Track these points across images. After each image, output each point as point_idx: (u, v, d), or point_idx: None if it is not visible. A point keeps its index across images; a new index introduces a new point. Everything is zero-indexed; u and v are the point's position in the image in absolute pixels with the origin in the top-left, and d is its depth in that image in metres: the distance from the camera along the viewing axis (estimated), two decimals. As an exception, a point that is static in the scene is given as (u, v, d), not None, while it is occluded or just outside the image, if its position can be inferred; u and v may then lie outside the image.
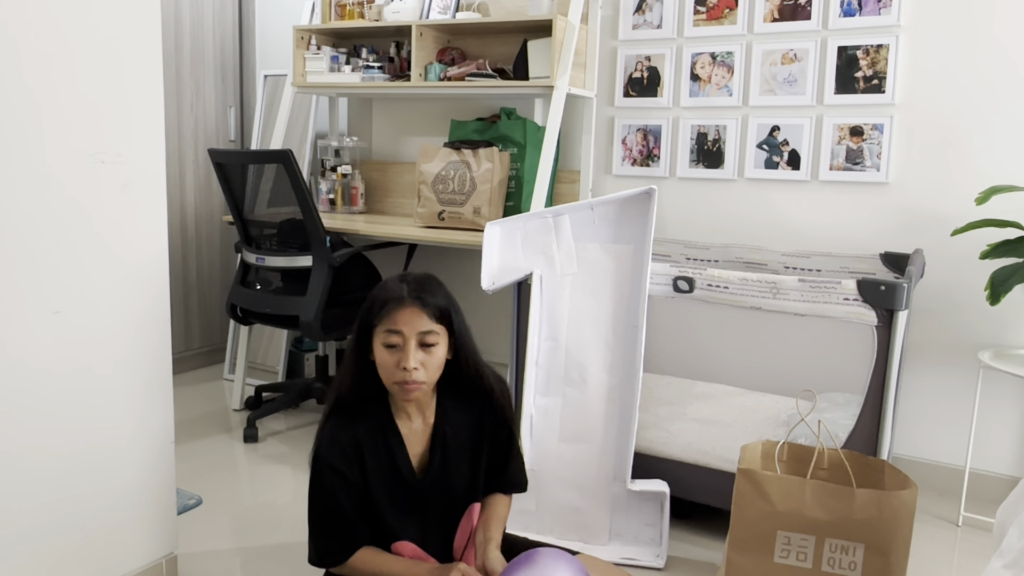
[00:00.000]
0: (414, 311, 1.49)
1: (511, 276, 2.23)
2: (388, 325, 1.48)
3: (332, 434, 1.54)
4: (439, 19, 3.10)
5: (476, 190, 2.89)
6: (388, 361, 1.49)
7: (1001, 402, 2.56)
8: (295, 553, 2.18)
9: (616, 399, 2.16)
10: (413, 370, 1.48)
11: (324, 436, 1.55)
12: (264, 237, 3.01)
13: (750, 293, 2.07)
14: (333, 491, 1.53)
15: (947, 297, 2.60)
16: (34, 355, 1.60)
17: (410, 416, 1.59)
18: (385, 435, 1.56)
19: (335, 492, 1.53)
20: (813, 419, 2.14)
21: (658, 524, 2.16)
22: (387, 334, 1.49)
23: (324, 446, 1.54)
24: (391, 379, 1.50)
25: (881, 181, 2.65)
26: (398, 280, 1.53)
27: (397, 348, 1.49)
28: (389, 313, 1.49)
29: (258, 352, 3.74)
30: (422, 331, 1.49)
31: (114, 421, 1.77)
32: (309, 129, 3.65)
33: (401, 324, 1.48)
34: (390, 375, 1.50)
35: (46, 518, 1.66)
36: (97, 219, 1.69)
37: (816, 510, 1.68)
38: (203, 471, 2.69)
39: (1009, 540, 1.21)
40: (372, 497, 1.56)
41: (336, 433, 1.54)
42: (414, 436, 1.59)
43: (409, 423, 1.59)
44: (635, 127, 3.04)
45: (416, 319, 1.48)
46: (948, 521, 2.45)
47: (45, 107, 1.58)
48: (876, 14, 2.60)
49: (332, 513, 1.54)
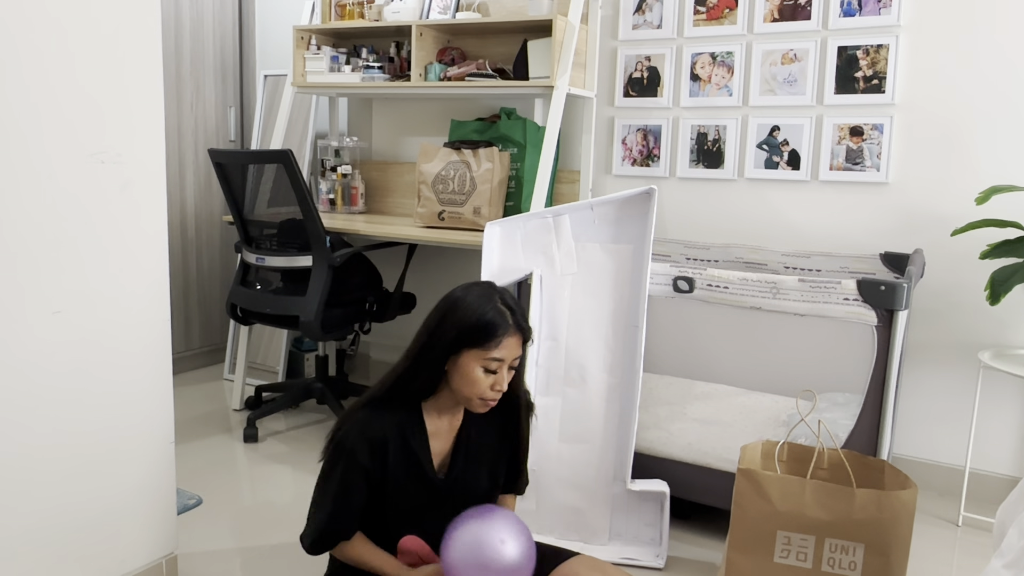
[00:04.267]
0: (517, 340, 1.55)
1: (511, 276, 2.23)
2: (493, 353, 1.52)
3: (362, 428, 1.56)
4: (439, 19, 3.10)
5: (476, 190, 2.89)
6: (482, 381, 1.54)
7: (1001, 402, 2.56)
8: (295, 553, 2.18)
9: (616, 399, 2.16)
10: (503, 391, 1.56)
11: (354, 427, 1.56)
12: (264, 237, 3.01)
13: (750, 293, 2.07)
14: (350, 482, 1.54)
15: (947, 297, 2.60)
16: (34, 355, 1.60)
17: (441, 416, 1.62)
18: (413, 431, 1.58)
19: (349, 485, 1.54)
20: (813, 419, 2.14)
21: (658, 524, 2.16)
22: (489, 360, 1.53)
23: (352, 439, 1.55)
24: (477, 395, 1.55)
25: (881, 181, 2.65)
26: (497, 303, 1.55)
27: (494, 372, 1.54)
28: (498, 343, 1.52)
29: (258, 352, 3.73)
30: (516, 356, 1.56)
31: (114, 421, 1.77)
32: (309, 129, 3.65)
33: (504, 353, 1.53)
34: (478, 392, 1.54)
35: (46, 518, 1.66)
36: (97, 219, 1.69)
37: (816, 510, 1.68)
38: (203, 471, 2.69)
39: (1009, 540, 1.21)
40: (389, 491, 1.57)
41: (366, 428, 1.56)
42: (440, 435, 1.62)
43: (437, 421, 1.61)
44: (635, 127, 3.04)
45: (517, 348, 1.56)
46: (948, 521, 2.45)
47: (45, 107, 1.58)
48: (876, 14, 2.60)
49: (338, 501, 1.55)
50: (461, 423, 1.64)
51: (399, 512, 1.59)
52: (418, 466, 1.58)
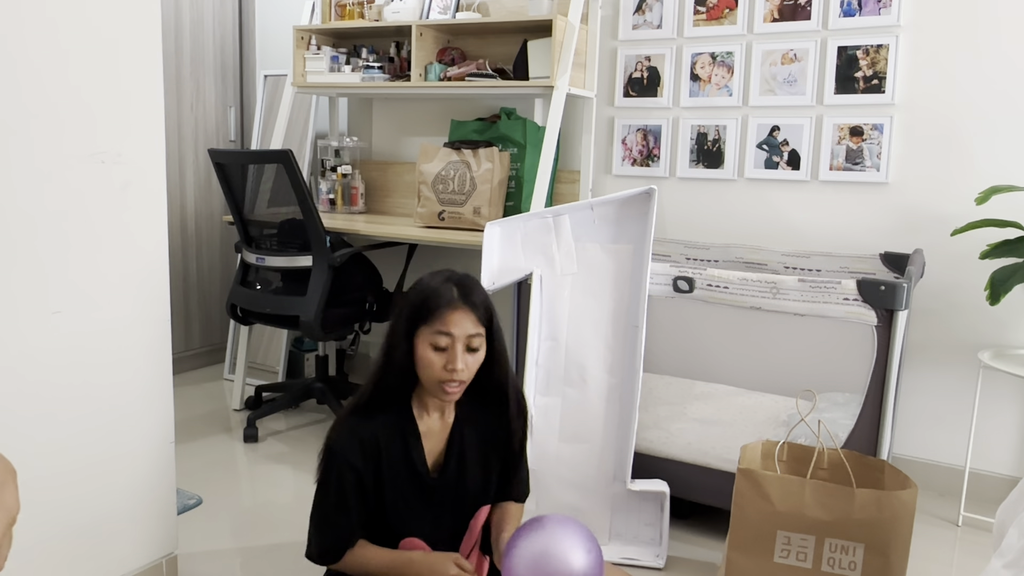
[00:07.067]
0: (464, 313, 1.50)
1: (511, 276, 2.23)
2: (438, 327, 1.49)
3: (352, 431, 1.54)
4: (439, 19, 3.10)
5: (476, 190, 2.89)
6: (435, 362, 1.50)
7: (1001, 402, 2.56)
8: (295, 553, 2.17)
9: (616, 399, 2.16)
10: (459, 371, 1.49)
11: (343, 432, 1.55)
12: (264, 237, 3.01)
13: (750, 293, 2.07)
14: (344, 489, 1.53)
15: (947, 297, 2.60)
16: (34, 355, 1.60)
17: (430, 414, 1.60)
18: (404, 431, 1.57)
19: (346, 490, 1.53)
20: (813, 419, 2.14)
21: (658, 524, 2.16)
22: (436, 335, 1.49)
23: (342, 442, 1.53)
24: (435, 378, 1.51)
25: (881, 181, 2.65)
26: (443, 280, 1.53)
27: (444, 349, 1.50)
28: (440, 315, 1.49)
29: (258, 352, 3.73)
30: (470, 334, 1.50)
31: (114, 421, 1.77)
32: (309, 129, 3.65)
33: (451, 326, 1.49)
34: (435, 375, 1.50)
35: (46, 518, 1.66)
36: (97, 219, 1.69)
37: (816, 510, 1.68)
38: (203, 471, 2.69)
39: (1009, 540, 1.21)
40: (385, 493, 1.56)
41: (357, 430, 1.54)
42: (432, 434, 1.60)
43: (429, 421, 1.60)
44: (635, 127, 3.04)
45: (465, 322, 1.50)
46: (948, 521, 2.45)
47: (45, 108, 1.58)
48: (876, 14, 2.60)
49: (339, 510, 1.54)
50: (453, 422, 1.62)
51: (397, 513, 1.58)
52: (411, 466, 1.56)
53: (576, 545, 1.43)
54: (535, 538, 1.44)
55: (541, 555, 1.42)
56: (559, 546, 1.42)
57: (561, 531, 1.45)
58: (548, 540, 1.43)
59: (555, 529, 1.45)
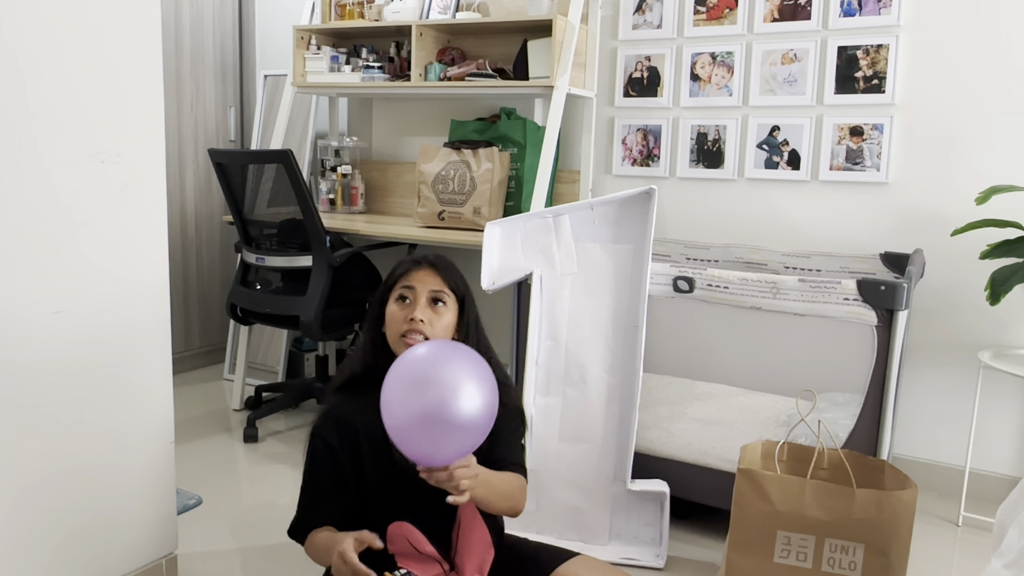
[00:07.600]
0: (429, 272, 1.55)
1: (511, 276, 2.23)
2: (402, 283, 1.54)
3: (332, 410, 1.57)
4: (439, 19, 3.10)
5: (476, 190, 2.89)
6: (397, 315, 1.53)
7: (1001, 402, 2.56)
8: (295, 553, 2.17)
9: (616, 399, 2.16)
10: (420, 322, 1.50)
11: (325, 411, 1.58)
12: (264, 237, 3.01)
13: (750, 293, 2.07)
14: (318, 464, 1.56)
15: (947, 297, 2.60)
16: (34, 355, 1.60)
17: None
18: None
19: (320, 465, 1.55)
20: (813, 419, 2.14)
21: (658, 524, 2.16)
22: (400, 290, 1.54)
23: (320, 421, 1.56)
24: (397, 332, 1.52)
25: (881, 181, 2.65)
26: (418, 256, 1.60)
27: (408, 302, 1.53)
28: (405, 273, 1.55)
29: (258, 352, 3.73)
30: (433, 289, 1.54)
31: (114, 421, 1.77)
32: (309, 129, 3.65)
33: (414, 281, 1.54)
34: (397, 328, 1.52)
35: (46, 518, 1.66)
36: (97, 219, 1.69)
37: (816, 510, 1.68)
38: (203, 471, 2.69)
39: (1009, 540, 1.21)
40: (367, 478, 1.55)
41: (337, 410, 1.57)
42: None
43: None
44: (635, 127, 3.04)
45: (429, 278, 1.54)
46: (948, 521, 2.45)
47: (45, 107, 1.58)
48: (876, 14, 2.60)
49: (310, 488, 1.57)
50: None
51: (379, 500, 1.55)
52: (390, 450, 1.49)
53: (466, 376, 1.26)
54: (413, 363, 1.29)
55: (421, 381, 1.25)
56: (444, 376, 1.25)
57: (445, 355, 1.28)
58: (428, 366, 1.26)
59: (438, 352, 1.30)
